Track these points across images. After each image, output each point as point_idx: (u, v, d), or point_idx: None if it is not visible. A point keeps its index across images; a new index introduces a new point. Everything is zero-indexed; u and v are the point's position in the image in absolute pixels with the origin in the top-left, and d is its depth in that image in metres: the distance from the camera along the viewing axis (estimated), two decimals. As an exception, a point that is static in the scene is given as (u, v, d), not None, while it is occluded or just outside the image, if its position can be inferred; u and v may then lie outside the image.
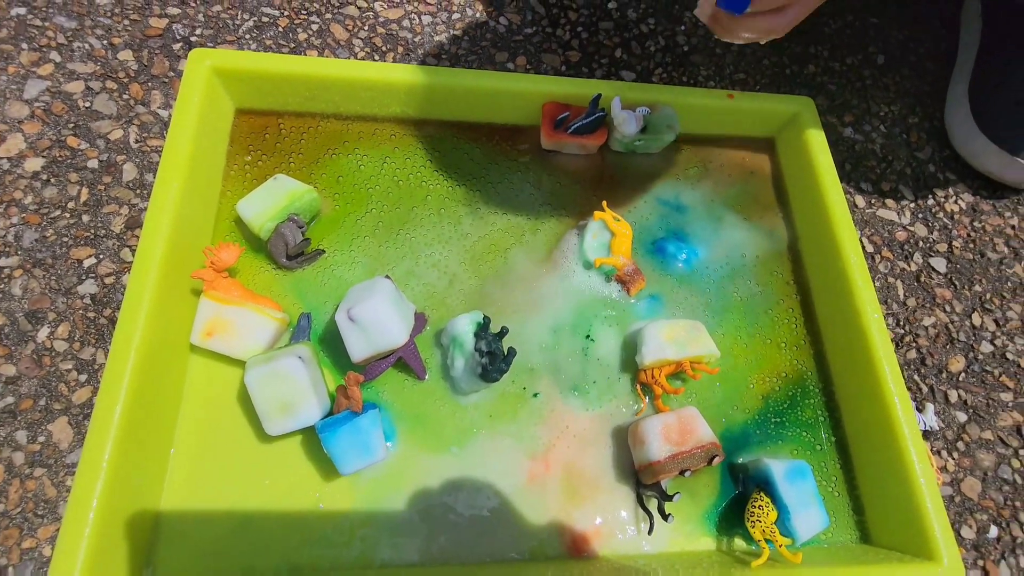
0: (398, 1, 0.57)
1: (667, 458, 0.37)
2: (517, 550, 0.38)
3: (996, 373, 0.50)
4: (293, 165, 0.46)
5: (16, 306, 0.40)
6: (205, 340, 0.38)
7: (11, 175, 0.44)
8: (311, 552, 0.36)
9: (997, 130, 0.56)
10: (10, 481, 0.36)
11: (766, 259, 0.49)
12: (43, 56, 0.49)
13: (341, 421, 0.35)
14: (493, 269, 0.45)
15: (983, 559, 0.43)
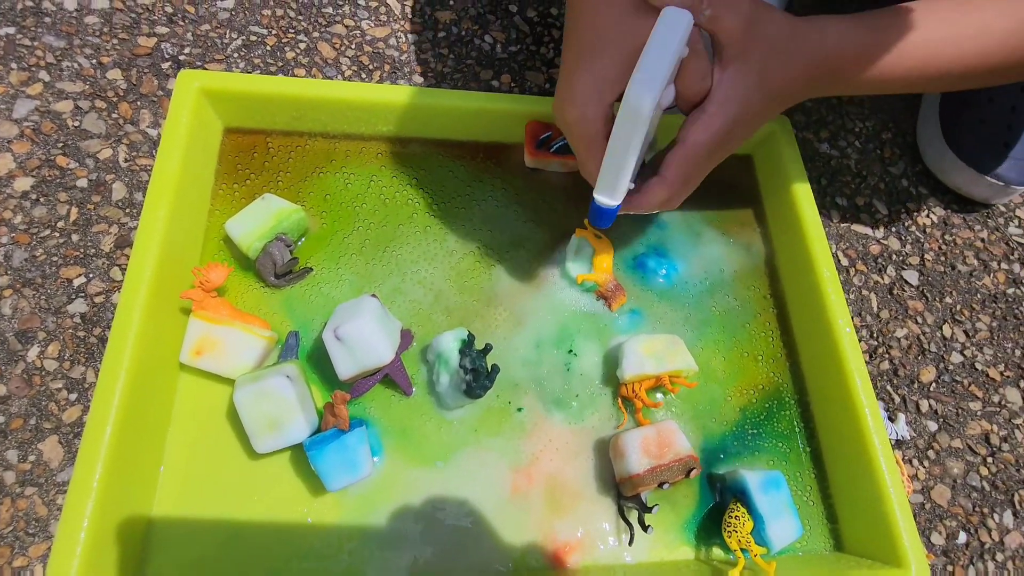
0: (384, 20, 0.58)
1: (646, 471, 0.39)
2: (501, 562, 0.39)
3: (965, 383, 0.52)
4: (281, 184, 0.47)
5: (6, 326, 0.41)
6: (194, 359, 0.38)
7: (0, 195, 0.45)
8: (299, 566, 0.37)
9: (965, 149, 0.58)
10: (1, 500, 0.37)
11: (744, 274, 0.51)
12: (32, 75, 0.49)
13: (328, 439, 0.36)
14: (478, 285, 0.46)
15: (952, 564, 0.45)
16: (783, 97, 0.37)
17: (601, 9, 0.34)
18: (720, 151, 0.37)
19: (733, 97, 0.35)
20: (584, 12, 0.35)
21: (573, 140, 0.37)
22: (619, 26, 0.33)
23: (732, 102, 0.35)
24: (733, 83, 0.35)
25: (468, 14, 0.60)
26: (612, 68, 0.33)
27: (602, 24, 0.34)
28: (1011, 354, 0.53)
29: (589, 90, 0.34)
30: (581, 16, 0.35)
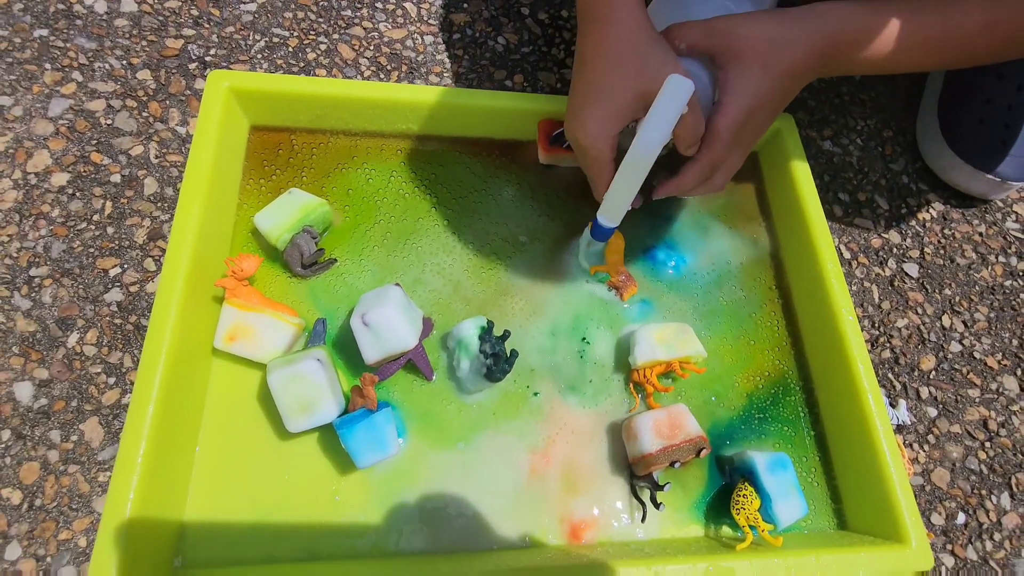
0: (402, 22, 0.60)
1: (658, 451, 0.40)
2: (520, 538, 0.40)
3: (964, 371, 0.53)
4: (305, 179, 0.49)
5: (47, 313, 0.43)
6: (228, 344, 0.40)
7: (39, 189, 0.47)
8: (328, 541, 0.38)
9: (964, 147, 0.60)
10: (46, 477, 0.39)
11: (750, 266, 0.53)
12: (66, 76, 0.51)
13: (358, 418, 0.38)
14: (494, 276, 0.48)
15: (952, 543, 0.47)
16: (793, 78, 0.41)
17: (612, 46, 0.39)
18: (743, 135, 0.41)
19: (740, 89, 0.39)
20: (596, 48, 0.39)
21: (585, 162, 0.42)
22: (627, 66, 0.38)
23: (741, 93, 0.39)
24: (737, 79, 0.39)
25: (482, 16, 0.62)
26: (621, 105, 0.38)
27: (613, 62, 0.38)
28: (1008, 343, 0.55)
29: (601, 123, 0.39)
30: (594, 50, 0.39)
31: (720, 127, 0.40)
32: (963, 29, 0.41)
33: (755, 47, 0.39)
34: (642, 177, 0.39)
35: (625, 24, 0.39)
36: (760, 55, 0.39)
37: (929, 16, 0.41)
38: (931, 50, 0.42)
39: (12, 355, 0.42)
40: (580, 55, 0.41)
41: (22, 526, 0.38)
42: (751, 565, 0.38)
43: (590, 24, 0.40)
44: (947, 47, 0.42)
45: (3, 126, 0.49)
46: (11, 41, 0.52)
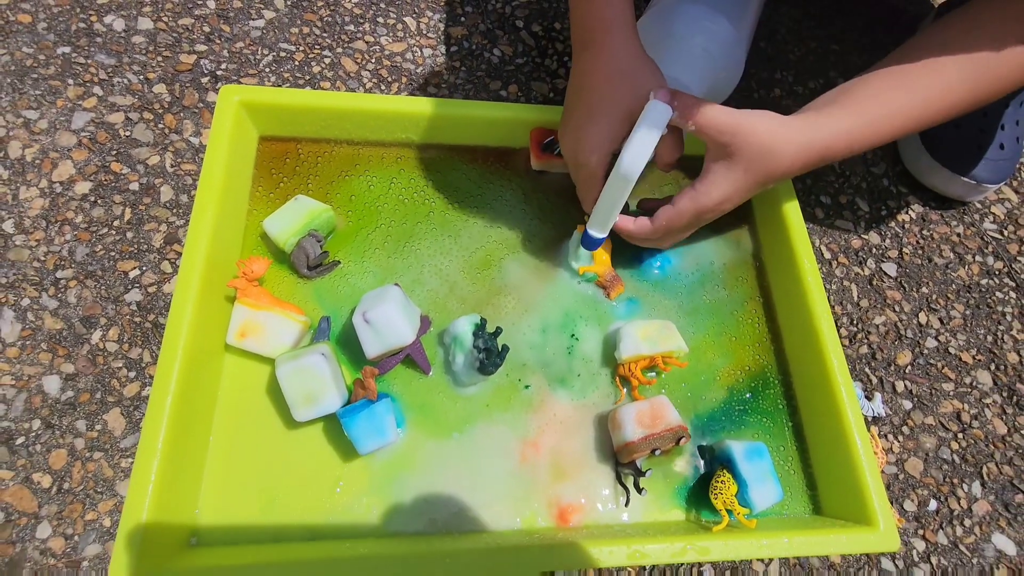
0: (401, 36, 0.63)
1: (640, 439, 0.43)
2: (511, 521, 0.43)
3: (939, 366, 0.56)
4: (311, 186, 0.52)
5: (72, 313, 0.46)
6: (239, 340, 0.43)
7: (63, 197, 0.50)
8: (333, 522, 0.41)
9: (941, 151, 0.62)
10: (73, 463, 0.42)
11: (733, 266, 0.55)
12: (87, 90, 0.55)
13: (359, 408, 0.41)
14: (489, 277, 0.51)
15: (923, 529, 0.49)
16: (773, 181, 0.44)
17: (607, 70, 0.43)
18: (703, 218, 0.46)
19: (718, 184, 0.43)
20: (592, 72, 0.43)
21: (578, 177, 0.46)
22: (621, 89, 0.42)
23: (716, 188, 0.43)
24: (719, 174, 0.43)
25: (478, 29, 0.65)
26: (612, 127, 0.42)
27: (608, 85, 0.43)
28: (983, 340, 0.58)
29: (597, 142, 0.43)
30: (590, 74, 0.44)
31: (685, 208, 0.44)
32: (945, 96, 0.43)
33: (747, 152, 0.42)
34: (626, 194, 0.43)
35: (619, 49, 0.43)
36: (748, 160, 0.42)
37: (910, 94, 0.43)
38: (916, 123, 0.44)
39: (41, 351, 0.45)
40: (577, 78, 0.45)
41: (52, 508, 0.41)
42: (725, 545, 0.40)
43: (587, 49, 0.44)
44: (932, 114, 0.44)
45: (30, 138, 0.52)
46: (36, 58, 0.55)
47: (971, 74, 0.43)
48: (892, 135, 0.44)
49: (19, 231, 0.48)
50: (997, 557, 0.49)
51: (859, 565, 0.48)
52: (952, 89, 0.43)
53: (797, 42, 0.72)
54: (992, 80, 0.43)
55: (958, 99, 0.44)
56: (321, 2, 0.64)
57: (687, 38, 0.52)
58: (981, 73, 0.43)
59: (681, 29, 0.52)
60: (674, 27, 0.52)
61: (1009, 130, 0.63)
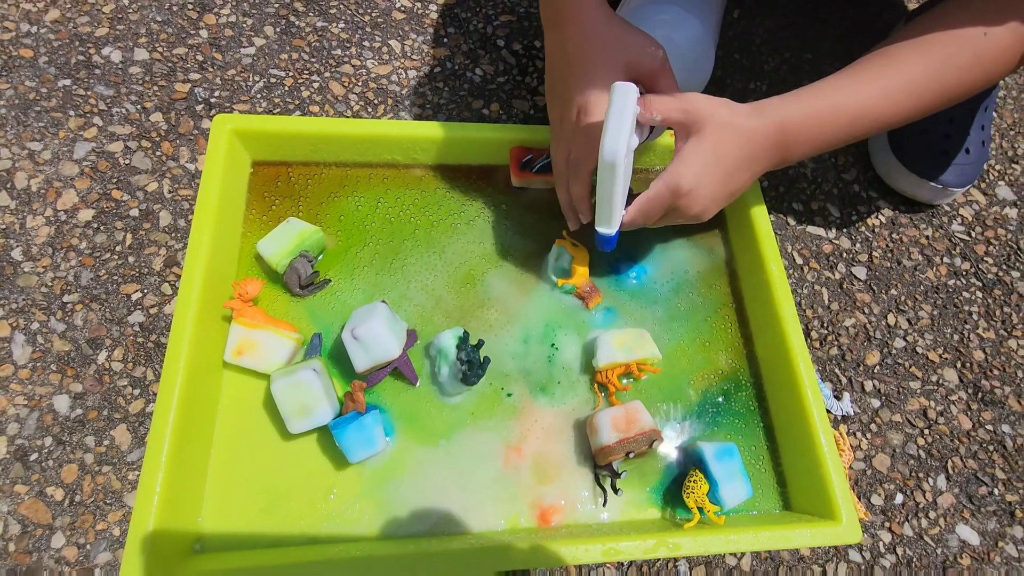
0: (387, 59, 0.66)
1: (616, 443, 0.46)
2: (496, 523, 0.46)
3: (907, 365, 0.58)
4: (302, 208, 0.54)
5: (79, 335, 0.49)
6: (236, 358, 0.46)
7: (68, 225, 0.53)
8: (327, 527, 0.44)
9: (908, 156, 0.64)
10: (83, 477, 0.45)
11: (707, 273, 0.58)
12: (87, 121, 0.58)
13: (349, 419, 0.43)
14: (472, 290, 0.54)
15: (890, 521, 0.52)
16: (742, 164, 0.45)
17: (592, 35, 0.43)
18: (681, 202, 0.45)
19: (689, 162, 0.44)
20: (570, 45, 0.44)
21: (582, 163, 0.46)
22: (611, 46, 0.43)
23: (687, 166, 0.44)
24: (689, 152, 0.44)
25: (460, 50, 0.68)
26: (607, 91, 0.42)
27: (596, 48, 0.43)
28: (950, 339, 0.60)
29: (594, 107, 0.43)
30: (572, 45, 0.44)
31: (659, 190, 0.45)
32: (908, 87, 0.44)
33: (713, 127, 0.43)
34: (617, 182, 0.42)
35: (597, 13, 0.44)
36: (715, 135, 0.43)
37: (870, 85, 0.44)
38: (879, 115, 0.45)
39: (51, 372, 0.48)
40: (558, 54, 0.45)
41: (65, 519, 0.44)
42: (695, 541, 0.43)
43: (564, 23, 0.45)
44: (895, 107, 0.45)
45: (35, 169, 0.55)
46: (38, 91, 0.58)
47: (935, 68, 0.43)
48: (854, 124, 0.44)
49: (27, 258, 0.51)
50: (961, 547, 0.51)
51: (827, 557, 0.50)
52: (915, 82, 0.44)
53: (772, 52, 0.74)
54: (955, 73, 0.43)
55: (922, 92, 0.44)
56: (309, 28, 0.66)
57: (653, 30, 0.53)
58: (944, 67, 0.43)
59: (647, 23, 0.54)
60: (640, 22, 0.55)
61: (975, 135, 0.65)
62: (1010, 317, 0.62)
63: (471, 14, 0.70)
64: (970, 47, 0.43)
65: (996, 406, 0.57)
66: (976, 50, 0.43)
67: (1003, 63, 0.44)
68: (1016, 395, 0.58)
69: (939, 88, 0.44)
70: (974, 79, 0.44)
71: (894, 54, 0.45)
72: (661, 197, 0.45)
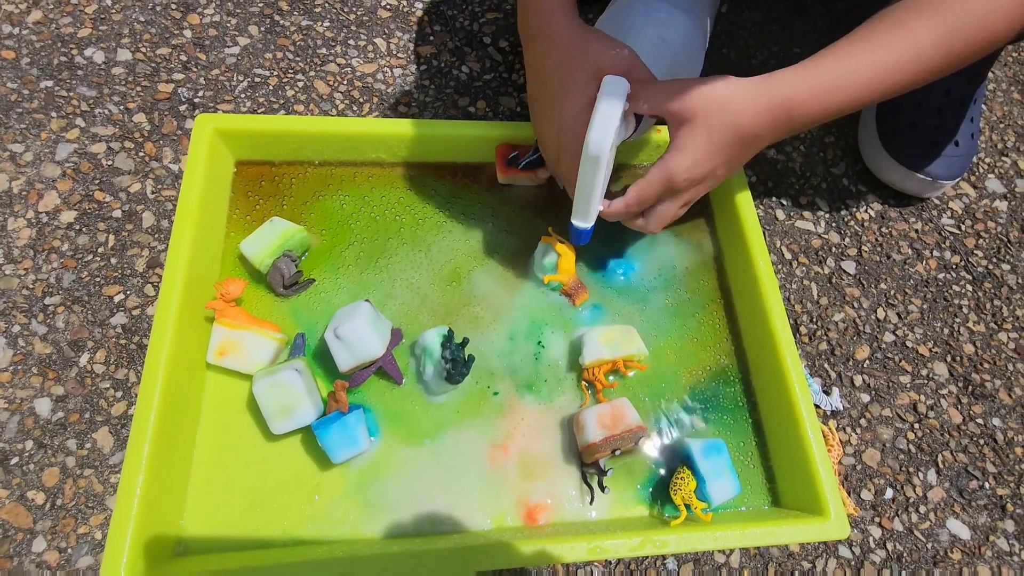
0: (372, 57, 0.66)
1: (602, 440, 0.45)
2: (482, 522, 0.46)
3: (897, 359, 0.58)
4: (286, 207, 0.54)
5: (61, 337, 0.49)
6: (219, 359, 0.46)
7: (49, 227, 0.53)
8: (311, 528, 0.44)
9: (897, 148, 0.64)
10: (65, 480, 0.45)
11: (694, 269, 0.57)
12: (70, 122, 0.57)
13: (332, 419, 0.43)
14: (458, 288, 0.53)
15: (880, 516, 0.51)
16: (742, 144, 0.44)
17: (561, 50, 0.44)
18: (681, 185, 0.45)
19: (684, 149, 0.43)
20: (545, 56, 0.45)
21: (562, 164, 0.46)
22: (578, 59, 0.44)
23: (683, 153, 0.43)
24: (683, 139, 0.43)
25: (446, 47, 0.67)
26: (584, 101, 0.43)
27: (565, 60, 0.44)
28: (940, 332, 0.60)
29: (569, 121, 0.43)
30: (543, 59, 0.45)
31: (653, 172, 0.44)
32: (914, 53, 0.43)
33: (706, 110, 0.42)
34: (599, 175, 0.42)
35: (566, 29, 0.44)
36: (708, 119, 0.42)
37: (877, 52, 0.43)
38: (886, 83, 0.44)
39: (32, 375, 0.47)
40: (534, 70, 0.47)
41: (46, 523, 0.43)
42: (681, 538, 0.42)
43: (536, 39, 0.46)
44: (901, 74, 0.43)
45: (16, 171, 0.54)
46: (20, 93, 0.58)
47: (941, 32, 0.42)
48: (861, 92, 0.43)
49: (8, 261, 0.51)
50: (951, 541, 0.51)
51: (817, 553, 0.50)
52: (921, 46, 0.43)
53: (760, 47, 0.74)
54: (963, 38, 0.43)
55: (928, 57, 0.43)
56: (294, 27, 0.66)
57: (643, 29, 0.53)
58: (952, 33, 0.42)
59: (637, 22, 0.54)
60: (630, 21, 0.55)
61: (964, 128, 0.65)
62: (1000, 310, 0.61)
63: (457, 11, 0.70)
64: (978, 11, 0.42)
65: (986, 400, 0.57)
66: (984, 15, 0.42)
67: (1009, 28, 0.43)
68: (1007, 388, 0.58)
69: (946, 54, 0.43)
70: (981, 44, 0.43)
71: (902, 19, 0.44)
72: (654, 183, 0.44)
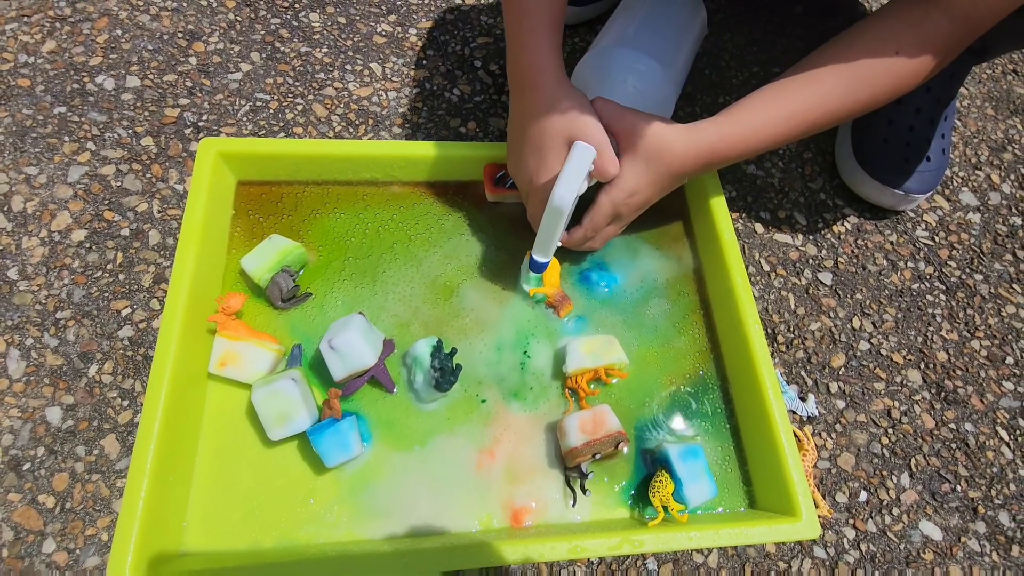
0: (368, 81, 0.69)
1: (583, 445, 0.48)
2: (470, 525, 0.48)
3: (871, 367, 0.60)
4: (284, 225, 0.57)
5: (71, 349, 0.52)
6: (220, 369, 0.48)
7: (61, 245, 0.56)
8: (306, 531, 0.46)
9: (871, 164, 0.67)
10: (74, 485, 0.47)
11: (675, 281, 0.60)
12: (81, 146, 0.61)
13: (326, 426, 0.45)
14: (448, 301, 0.56)
15: (854, 518, 0.53)
16: (672, 176, 0.51)
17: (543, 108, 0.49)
18: (621, 211, 0.52)
19: (626, 177, 0.50)
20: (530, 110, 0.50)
21: (530, 202, 0.53)
22: (557, 124, 0.48)
23: (625, 179, 0.50)
24: (626, 168, 0.50)
25: (439, 71, 0.71)
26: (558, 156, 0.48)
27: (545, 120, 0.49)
28: (914, 341, 0.62)
29: (542, 172, 0.50)
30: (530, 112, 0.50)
31: (603, 201, 0.51)
32: (822, 102, 0.49)
33: (648, 147, 0.49)
34: (561, 223, 0.49)
35: (553, 89, 0.49)
36: (649, 155, 0.49)
37: (791, 103, 0.49)
38: (799, 127, 0.50)
39: (44, 385, 0.50)
40: (517, 117, 0.51)
41: (55, 525, 0.46)
42: (658, 538, 0.45)
43: (525, 90, 0.50)
44: (811, 121, 0.50)
45: (31, 192, 0.58)
46: (35, 118, 0.61)
47: (847, 83, 0.48)
48: (773, 139, 0.50)
49: (22, 277, 0.54)
50: (924, 542, 0.53)
51: (793, 554, 0.52)
52: (829, 97, 0.49)
53: (740, 67, 0.77)
54: (867, 87, 0.48)
55: (835, 105, 0.49)
56: (293, 53, 0.69)
57: (620, 78, 0.57)
58: (856, 82, 0.48)
59: (615, 70, 0.57)
60: (609, 68, 0.58)
61: (936, 143, 0.68)
62: (973, 319, 0.64)
63: (449, 37, 0.74)
64: (884, 63, 0.47)
65: (959, 405, 0.59)
66: (888, 66, 0.47)
67: (912, 77, 0.48)
68: (978, 394, 0.60)
69: (853, 102, 0.49)
70: (888, 90, 0.49)
71: (814, 70, 0.49)
72: (603, 207, 0.51)
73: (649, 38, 0.59)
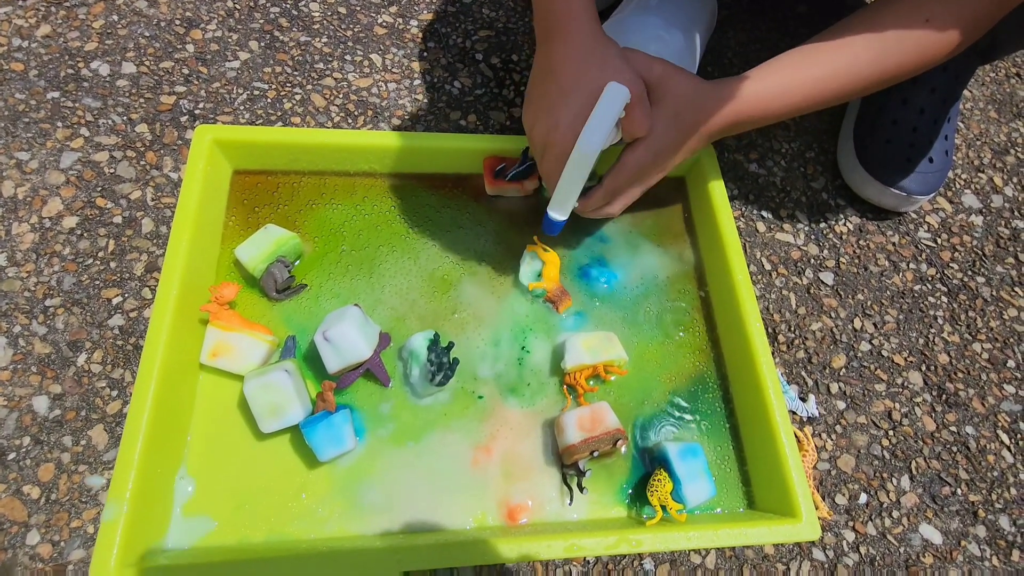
0: (368, 72, 0.68)
1: (580, 442, 0.47)
2: (465, 522, 0.47)
3: (872, 368, 0.60)
4: (280, 215, 0.56)
5: (60, 338, 0.50)
6: (212, 360, 0.47)
7: (52, 231, 0.54)
8: (297, 526, 0.45)
9: (874, 164, 0.66)
10: (60, 476, 0.46)
11: (676, 279, 0.59)
12: (74, 132, 0.59)
13: (319, 419, 0.44)
14: (446, 295, 0.55)
15: (853, 521, 0.53)
16: (699, 136, 0.49)
17: (578, 53, 0.46)
18: (647, 171, 0.49)
19: (655, 132, 0.47)
20: (564, 56, 0.46)
21: (546, 157, 0.48)
22: (593, 68, 0.45)
23: (654, 136, 0.47)
24: (655, 124, 0.47)
25: (440, 63, 0.70)
26: (585, 107, 0.44)
27: (581, 66, 0.46)
28: (915, 342, 0.61)
29: (567, 122, 0.45)
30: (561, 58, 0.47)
31: (627, 159, 0.48)
32: (850, 69, 0.48)
33: (676, 101, 0.47)
34: (586, 173, 0.45)
35: (587, 34, 0.46)
36: (676, 110, 0.47)
37: (820, 67, 0.48)
38: (822, 94, 0.49)
39: (31, 374, 0.49)
40: (544, 63, 0.48)
41: (40, 517, 0.45)
42: (655, 537, 0.44)
43: (554, 37, 0.47)
44: (836, 88, 0.49)
45: (22, 178, 0.57)
46: (28, 103, 0.60)
47: (876, 51, 0.47)
48: (798, 103, 0.49)
49: (11, 264, 0.53)
50: (923, 546, 0.52)
51: (791, 555, 0.51)
52: (858, 62, 0.48)
53: (743, 65, 0.76)
54: (894, 55, 0.47)
55: (865, 73, 0.48)
56: (293, 43, 0.68)
57: (642, 46, 0.56)
58: (886, 49, 0.47)
59: (637, 38, 0.57)
60: (630, 36, 0.57)
61: (939, 145, 0.67)
62: (974, 321, 0.63)
63: (451, 29, 0.73)
64: (912, 33, 0.46)
65: (960, 408, 0.59)
66: (917, 36, 0.46)
67: (940, 49, 0.47)
68: (980, 397, 0.59)
69: (881, 71, 0.48)
70: (913, 63, 0.48)
71: (844, 37, 0.48)
72: (628, 172, 0.49)
73: (671, 11, 0.58)
